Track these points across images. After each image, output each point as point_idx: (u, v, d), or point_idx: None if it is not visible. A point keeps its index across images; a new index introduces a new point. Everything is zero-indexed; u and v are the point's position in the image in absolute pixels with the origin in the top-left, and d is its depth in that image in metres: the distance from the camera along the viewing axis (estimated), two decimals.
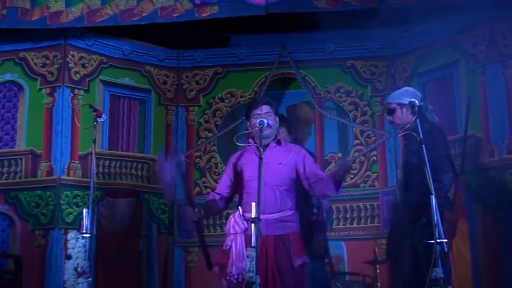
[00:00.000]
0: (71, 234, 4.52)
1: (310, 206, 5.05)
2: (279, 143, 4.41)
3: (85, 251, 4.23)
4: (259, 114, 4.36)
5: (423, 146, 4.29)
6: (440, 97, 6.61)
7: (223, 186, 4.53)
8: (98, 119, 4.78)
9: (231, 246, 4.26)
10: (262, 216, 4.11)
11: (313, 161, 4.51)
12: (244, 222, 4.21)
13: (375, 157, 6.96)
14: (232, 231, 4.29)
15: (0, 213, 6.54)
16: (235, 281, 4.13)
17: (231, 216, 4.31)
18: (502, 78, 6.09)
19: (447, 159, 4.71)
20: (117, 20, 6.41)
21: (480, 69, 6.23)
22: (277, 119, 4.49)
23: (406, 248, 4.86)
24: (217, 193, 4.53)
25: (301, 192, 4.47)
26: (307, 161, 4.38)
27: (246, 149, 4.44)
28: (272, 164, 4.29)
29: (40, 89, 6.72)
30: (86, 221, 4.33)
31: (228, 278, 4.20)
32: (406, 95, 4.71)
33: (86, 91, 6.78)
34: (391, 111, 4.77)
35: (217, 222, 6.98)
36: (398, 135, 5.49)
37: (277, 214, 4.23)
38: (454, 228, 4.77)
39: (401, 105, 4.71)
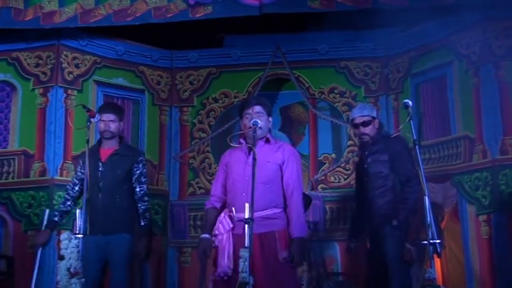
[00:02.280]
0: (64, 235, 4.53)
1: None
2: (267, 141, 4.43)
3: (78, 252, 4.22)
4: (249, 114, 4.38)
5: (417, 146, 4.33)
6: (433, 98, 6.62)
7: (219, 187, 4.52)
8: (91, 120, 4.78)
9: (217, 246, 4.28)
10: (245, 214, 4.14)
11: (297, 168, 4.47)
12: (229, 222, 4.24)
13: None
14: (217, 232, 4.31)
15: None
16: (219, 280, 4.16)
17: (219, 217, 4.33)
18: (495, 80, 6.11)
19: (414, 173, 4.86)
20: (111, 20, 6.39)
21: (473, 70, 6.24)
22: (270, 119, 4.50)
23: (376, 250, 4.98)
24: (214, 198, 4.51)
25: None
26: (289, 165, 4.38)
27: (234, 148, 4.44)
28: (259, 162, 4.29)
29: (33, 89, 6.71)
30: (78, 222, 4.33)
31: (212, 277, 4.23)
32: (373, 109, 5.24)
33: (79, 91, 6.76)
34: (367, 124, 5.10)
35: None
36: (392, 136, 5.50)
37: (263, 212, 4.25)
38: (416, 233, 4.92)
39: (374, 118, 5.14)
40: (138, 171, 5.14)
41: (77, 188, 5.17)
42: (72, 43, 6.79)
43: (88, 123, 4.76)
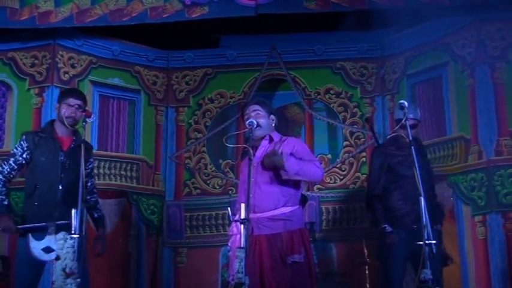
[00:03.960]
0: (60, 235, 4.51)
1: None
2: (271, 140, 4.41)
3: (73, 252, 4.21)
4: (247, 114, 4.37)
5: (412, 147, 4.35)
6: (429, 98, 6.63)
7: (241, 191, 4.47)
8: (87, 120, 4.74)
9: (231, 248, 4.26)
10: (253, 216, 4.13)
11: (306, 148, 4.47)
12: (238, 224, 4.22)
13: (364, 158, 6.98)
14: (231, 233, 4.31)
15: None
16: (232, 282, 4.13)
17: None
18: (490, 80, 6.13)
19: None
20: (107, 20, 6.39)
21: (469, 71, 6.26)
22: (272, 117, 4.48)
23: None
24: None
25: None
26: (298, 147, 4.36)
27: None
28: (261, 162, 4.30)
29: (29, 89, 6.69)
30: (74, 222, 4.30)
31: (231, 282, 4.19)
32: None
33: None
34: (415, 127, 5.21)
35: (207, 223, 6.99)
36: (388, 137, 5.53)
37: (270, 212, 4.23)
38: None
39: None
40: (91, 166, 5.04)
41: (14, 174, 4.82)
42: (68, 43, 6.78)
43: (84, 124, 4.75)
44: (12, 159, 4.85)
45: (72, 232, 4.26)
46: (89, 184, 5.01)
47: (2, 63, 6.77)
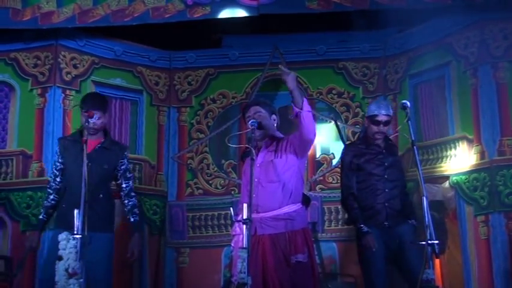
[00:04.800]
0: (62, 235, 4.51)
1: None
2: (273, 140, 4.41)
3: (76, 252, 4.21)
4: (249, 116, 4.38)
5: (415, 147, 4.36)
6: (431, 99, 6.62)
7: (244, 191, 4.48)
8: (89, 120, 4.77)
9: (234, 248, 4.27)
10: (256, 216, 4.14)
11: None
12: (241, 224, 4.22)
13: None
14: (234, 233, 4.32)
15: None
16: (235, 282, 4.13)
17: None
18: (492, 80, 6.11)
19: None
20: (109, 20, 6.39)
21: (471, 71, 6.25)
22: (274, 117, 4.48)
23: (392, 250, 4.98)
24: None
25: None
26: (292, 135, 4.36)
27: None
28: (264, 162, 4.31)
29: (31, 90, 6.70)
30: (77, 222, 4.31)
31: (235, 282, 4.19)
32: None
33: (78, 92, 6.75)
34: (388, 123, 5.17)
35: (209, 223, 6.99)
36: (390, 137, 5.53)
37: (272, 212, 4.24)
38: None
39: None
40: (123, 167, 5.07)
41: (58, 180, 5.02)
42: (70, 43, 6.78)
43: (86, 124, 4.76)
44: (54, 166, 5.11)
45: (75, 232, 4.27)
46: (124, 186, 5.06)
47: (5, 63, 6.78)
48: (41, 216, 5.04)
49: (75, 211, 4.33)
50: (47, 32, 6.57)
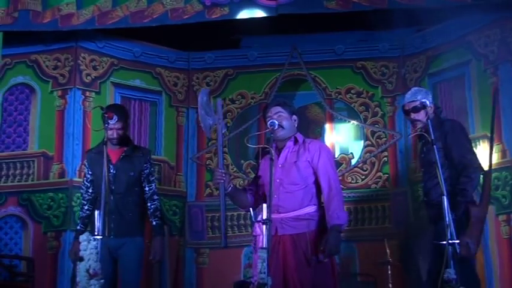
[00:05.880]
0: (83, 236, 4.54)
1: None
2: (296, 141, 4.40)
3: (97, 253, 4.24)
4: (269, 116, 4.37)
5: (434, 146, 4.31)
6: (451, 98, 6.59)
7: (252, 181, 4.57)
8: (109, 121, 4.81)
9: (254, 248, 4.28)
10: (277, 216, 4.15)
11: (330, 156, 4.42)
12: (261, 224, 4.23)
13: (386, 158, 6.95)
14: (254, 233, 4.32)
15: (13, 216, 6.57)
16: (255, 283, 4.13)
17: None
18: None
19: (474, 154, 4.72)
20: (128, 22, 6.42)
21: (491, 69, 6.21)
22: (295, 117, 4.47)
23: (427, 248, 4.86)
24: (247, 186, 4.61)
25: None
26: (323, 155, 4.31)
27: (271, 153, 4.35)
28: (286, 163, 4.31)
29: (52, 92, 6.75)
30: (97, 223, 4.35)
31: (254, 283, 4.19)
32: (427, 94, 4.82)
33: (97, 93, 6.80)
34: (417, 109, 4.72)
35: (229, 223, 7.00)
36: (410, 136, 5.49)
37: (293, 213, 4.24)
38: (482, 223, 4.72)
39: (425, 104, 4.69)
40: (147, 171, 5.18)
41: (90, 191, 5.19)
42: (89, 45, 6.83)
43: (106, 125, 4.79)
44: (85, 179, 5.27)
45: (96, 233, 4.31)
46: (147, 189, 5.16)
47: (26, 65, 6.84)
48: (78, 227, 5.19)
49: (96, 212, 4.39)
50: (67, 34, 6.62)
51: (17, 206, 6.56)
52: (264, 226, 3.83)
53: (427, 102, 4.70)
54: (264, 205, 3.86)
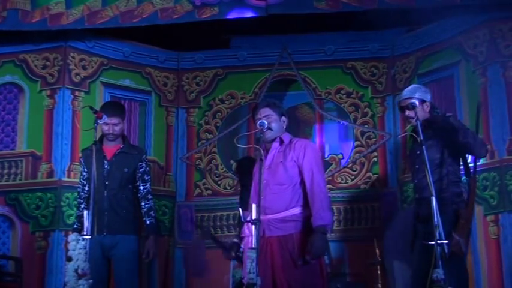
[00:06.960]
0: (72, 236, 4.53)
1: None
2: (281, 142, 4.40)
3: (85, 253, 4.23)
4: (258, 118, 4.38)
5: (423, 147, 4.33)
6: (441, 98, 6.60)
7: (253, 192, 4.49)
8: (98, 121, 4.80)
9: (243, 249, 4.28)
10: (264, 217, 4.15)
11: (316, 154, 4.42)
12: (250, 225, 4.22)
13: (375, 158, 6.96)
14: (243, 234, 4.33)
15: (1, 215, 6.54)
16: (245, 283, 4.12)
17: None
18: (502, 79, 6.09)
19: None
20: (118, 21, 6.41)
21: (481, 70, 6.23)
22: (284, 119, 4.47)
23: (416, 247, 4.85)
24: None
25: None
26: (309, 153, 4.31)
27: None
28: (273, 164, 4.31)
29: (40, 91, 6.72)
30: (86, 223, 4.34)
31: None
32: (426, 92, 4.86)
33: (87, 93, 6.78)
34: (412, 106, 4.68)
35: (218, 223, 6.99)
36: (399, 136, 5.50)
37: (279, 214, 4.24)
38: (469, 224, 4.74)
39: (423, 101, 4.76)
40: (142, 170, 5.24)
41: (86, 188, 5.23)
42: (79, 45, 6.80)
43: (95, 125, 4.78)
44: (81, 177, 5.33)
45: (84, 233, 4.30)
46: (142, 188, 5.21)
47: (14, 65, 6.81)
48: (75, 226, 5.24)
49: (85, 212, 4.40)
50: (56, 33, 6.60)
51: (4, 205, 6.53)
52: (253, 226, 3.83)
53: (423, 100, 4.77)
54: (253, 205, 3.86)
